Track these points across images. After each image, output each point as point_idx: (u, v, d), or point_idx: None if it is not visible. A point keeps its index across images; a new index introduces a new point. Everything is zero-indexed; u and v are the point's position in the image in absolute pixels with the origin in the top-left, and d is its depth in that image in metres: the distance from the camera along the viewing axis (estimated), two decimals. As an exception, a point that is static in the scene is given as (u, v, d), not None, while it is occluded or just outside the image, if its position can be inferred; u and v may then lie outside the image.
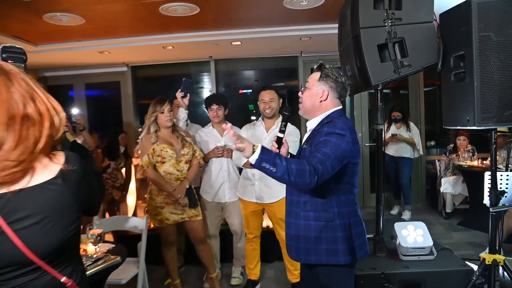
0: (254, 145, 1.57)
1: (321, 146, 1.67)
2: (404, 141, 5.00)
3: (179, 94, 3.08)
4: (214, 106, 3.24)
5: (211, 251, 3.19)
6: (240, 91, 6.49)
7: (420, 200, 5.83)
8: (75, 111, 3.73)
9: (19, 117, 0.96)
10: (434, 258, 2.48)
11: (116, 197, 4.25)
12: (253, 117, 6.02)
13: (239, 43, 4.81)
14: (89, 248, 2.15)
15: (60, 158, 1.03)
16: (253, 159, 1.54)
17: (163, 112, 2.87)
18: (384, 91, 6.40)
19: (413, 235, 2.55)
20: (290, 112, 1.97)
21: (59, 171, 1.00)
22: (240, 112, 6.38)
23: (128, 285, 2.71)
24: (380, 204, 2.61)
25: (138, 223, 2.93)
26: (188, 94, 3.13)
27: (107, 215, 4.25)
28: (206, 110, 3.36)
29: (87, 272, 1.88)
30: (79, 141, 3.71)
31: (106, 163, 4.18)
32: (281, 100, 3.06)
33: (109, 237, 3.54)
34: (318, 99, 1.84)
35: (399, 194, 5.32)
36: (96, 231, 2.15)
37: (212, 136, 3.31)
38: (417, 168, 5.76)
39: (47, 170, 1.00)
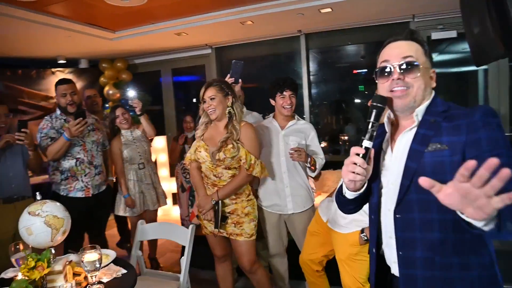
0: None
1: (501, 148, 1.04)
2: None
3: (229, 79, 2.46)
4: (287, 92, 2.54)
5: (265, 279, 2.50)
6: (355, 71, 5.50)
7: None
8: (131, 93, 3.41)
9: None
10: None
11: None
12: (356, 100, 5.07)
13: (329, 9, 3.90)
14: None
15: None
16: None
17: (204, 101, 2.30)
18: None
19: None
20: (385, 105, 1.19)
21: None
22: (349, 94, 5.46)
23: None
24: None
25: (181, 233, 2.45)
26: (240, 80, 2.51)
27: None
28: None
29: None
30: (138, 132, 3.42)
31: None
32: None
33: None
34: (431, 81, 1.24)
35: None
36: (90, 256, 1.64)
37: (271, 128, 2.61)
38: None
39: None
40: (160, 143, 5.31)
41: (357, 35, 5.01)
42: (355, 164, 1.11)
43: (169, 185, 5.26)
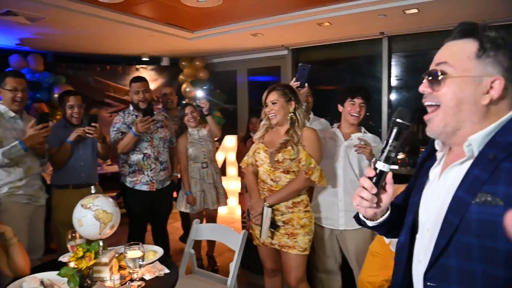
0: None
1: None
2: None
3: (294, 84, 2.34)
4: (358, 100, 2.36)
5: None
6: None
7: None
8: (199, 93, 3.46)
9: None
10: None
11: None
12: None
13: (415, 10, 3.56)
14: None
15: None
16: None
17: (266, 105, 2.22)
18: None
19: None
20: (411, 122, 0.94)
21: None
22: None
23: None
24: None
25: (234, 237, 2.39)
26: (307, 84, 2.37)
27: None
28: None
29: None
30: (205, 131, 3.45)
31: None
32: None
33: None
34: (481, 96, 0.84)
35: None
36: (133, 253, 1.66)
37: (334, 138, 2.43)
38: None
39: None
40: (230, 142, 5.38)
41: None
42: (364, 187, 0.92)
43: (236, 184, 5.31)
